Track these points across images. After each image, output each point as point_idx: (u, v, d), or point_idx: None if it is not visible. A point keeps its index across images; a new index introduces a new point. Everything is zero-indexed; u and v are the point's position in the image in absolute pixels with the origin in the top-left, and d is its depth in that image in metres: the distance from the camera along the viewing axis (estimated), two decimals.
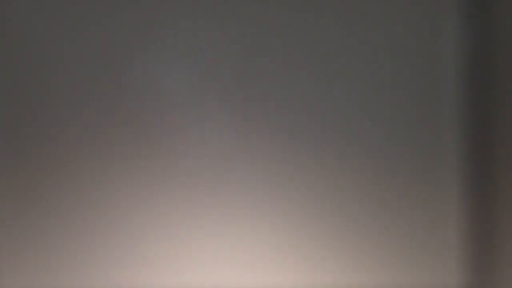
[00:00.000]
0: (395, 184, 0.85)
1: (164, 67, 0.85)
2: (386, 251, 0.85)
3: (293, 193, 0.85)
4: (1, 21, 0.84)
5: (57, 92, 0.84)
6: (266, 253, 0.85)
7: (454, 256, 0.85)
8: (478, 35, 0.85)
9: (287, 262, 0.85)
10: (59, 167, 0.84)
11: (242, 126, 0.85)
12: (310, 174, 0.85)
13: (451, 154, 0.85)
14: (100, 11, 0.84)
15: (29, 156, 0.84)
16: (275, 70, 0.85)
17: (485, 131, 0.85)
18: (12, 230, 0.85)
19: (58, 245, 0.84)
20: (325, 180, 0.85)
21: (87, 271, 0.85)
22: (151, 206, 0.85)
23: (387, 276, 0.85)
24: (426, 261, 0.85)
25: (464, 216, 0.85)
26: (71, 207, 0.84)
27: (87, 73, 0.84)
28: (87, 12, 0.84)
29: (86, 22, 0.84)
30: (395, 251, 0.85)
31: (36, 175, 0.84)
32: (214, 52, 0.85)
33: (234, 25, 0.85)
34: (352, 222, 0.85)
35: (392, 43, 0.85)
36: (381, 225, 0.85)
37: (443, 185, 0.85)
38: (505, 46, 0.84)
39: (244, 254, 0.85)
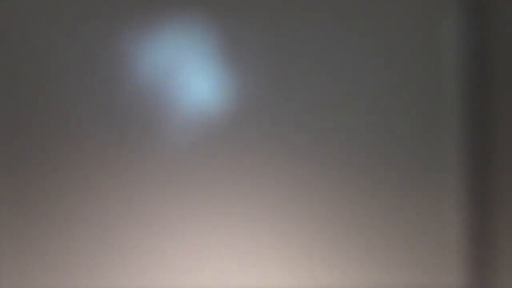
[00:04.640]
0: (394, 184, 0.85)
1: (161, 68, 0.85)
2: (386, 252, 0.85)
3: (294, 194, 0.85)
4: (1, 21, 0.85)
5: (57, 92, 0.84)
6: (266, 253, 0.85)
7: (454, 256, 0.85)
8: (478, 35, 0.85)
9: (287, 263, 0.85)
10: (59, 167, 0.84)
11: (244, 127, 0.85)
12: (310, 174, 0.85)
13: (451, 154, 0.85)
14: (99, 11, 0.85)
15: (29, 156, 0.84)
16: (274, 70, 0.85)
17: (485, 131, 0.85)
18: (12, 230, 0.85)
19: (58, 245, 0.85)
20: (325, 180, 0.85)
21: (87, 271, 0.85)
22: (151, 207, 0.85)
23: (387, 276, 0.85)
24: (426, 262, 0.85)
25: (464, 217, 0.85)
26: (71, 207, 0.84)
27: (86, 74, 0.84)
28: (85, 11, 0.85)
29: (84, 22, 0.84)
30: (395, 251, 0.85)
31: (36, 175, 0.84)
32: (211, 51, 0.85)
33: (234, 25, 0.85)
34: (352, 222, 0.85)
35: (391, 43, 0.85)
36: (380, 225, 0.85)
37: (443, 185, 0.85)
38: (505, 46, 0.84)
39: (244, 255, 0.85)
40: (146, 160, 0.85)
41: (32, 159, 0.84)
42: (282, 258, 0.85)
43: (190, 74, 0.85)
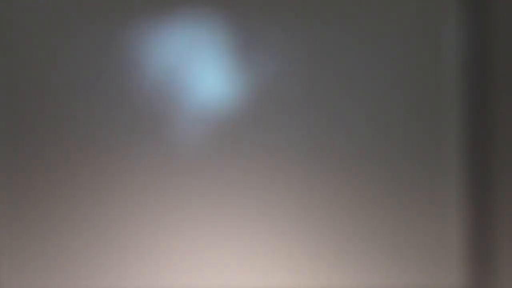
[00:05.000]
0: (395, 184, 0.85)
1: (162, 67, 0.85)
2: (386, 252, 0.85)
3: (294, 194, 0.85)
4: (1, 22, 0.84)
5: (57, 93, 0.84)
6: (266, 253, 0.85)
7: (455, 256, 0.85)
8: (478, 35, 0.85)
9: (287, 263, 0.85)
10: (59, 168, 0.84)
11: (243, 129, 0.85)
12: (311, 175, 0.85)
13: (451, 154, 0.85)
14: (99, 11, 0.84)
15: (29, 157, 0.84)
16: (274, 70, 0.85)
17: (485, 132, 0.85)
18: (12, 230, 0.85)
19: (58, 245, 0.84)
20: (325, 181, 0.85)
21: (87, 271, 0.85)
22: (151, 207, 0.85)
23: (387, 276, 0.85)
24: (426, 262, 0.85)
25: (464, 217, 0.85)
26: (71, 208, 0.84)
27: (86, 74, 0.84)
28: (85, 12, 0.84)
29: (84, 22, 0.84)
30: (395, 252, 0.85)
31: (35, 175, 0.84)
32: (213, 52, 0.85)
33: (236, 24, 0.85)
34: (352, 222, 0.85)
35: (391, 43, 0.85)
36: (381, 226, 0.85)
37: (443, 186, 0.85)
38: (505, 46, 0.84)
39: (244, 255, 0.85)
40: (146, 161, 0.85)
41: (32, 159, 0.84)
42: (282, 258, 0.85)
43: (199, 73, 0.85)
